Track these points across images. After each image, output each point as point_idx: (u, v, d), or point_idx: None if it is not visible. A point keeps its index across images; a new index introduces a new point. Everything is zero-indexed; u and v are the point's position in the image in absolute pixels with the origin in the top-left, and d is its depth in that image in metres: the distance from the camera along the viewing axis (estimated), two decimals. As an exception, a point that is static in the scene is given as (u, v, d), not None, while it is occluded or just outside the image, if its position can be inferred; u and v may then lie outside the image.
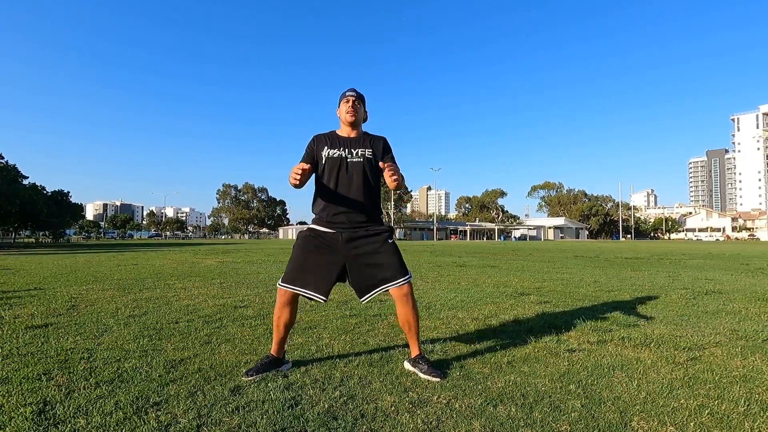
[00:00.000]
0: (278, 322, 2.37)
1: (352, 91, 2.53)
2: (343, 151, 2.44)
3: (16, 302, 4.58)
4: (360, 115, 2.52)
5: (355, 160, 2.43)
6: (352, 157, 2.43)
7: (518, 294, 5.29)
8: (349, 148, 2.45)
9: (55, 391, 2.05)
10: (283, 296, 2.37)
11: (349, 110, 2.47)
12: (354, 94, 2.51)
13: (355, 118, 2.48)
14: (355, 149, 2.44)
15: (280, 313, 2.36)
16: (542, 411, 1.86)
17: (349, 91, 2.53)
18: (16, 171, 30.74)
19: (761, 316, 3.95)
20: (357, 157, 2.43)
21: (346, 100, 2.50)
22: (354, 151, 2.44)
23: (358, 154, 2.43)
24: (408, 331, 2.41)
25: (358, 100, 2.52)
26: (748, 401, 1.97)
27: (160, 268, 9.14)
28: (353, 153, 2.43)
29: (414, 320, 2.38)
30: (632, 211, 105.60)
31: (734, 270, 9.18)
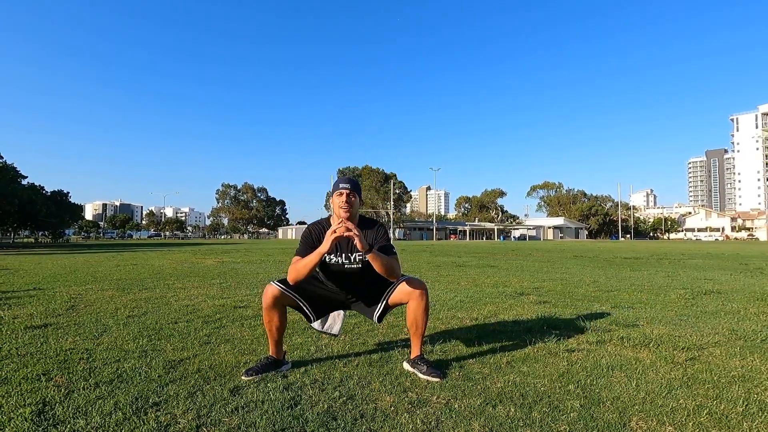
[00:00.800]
0: (270, 327, 2.37)
1: (346, 183, 2.39)
2: (340, 256, 2.42)
3: (15, 302, 4.58)
4: (355, 209, 2.40)
5: (354, 266, 2.43)
6: (350, 263, 2.43)
7: (517, 294, 5.29)
8: (347, 252, 2.42)
9: (55, 391, 2.05)
10: (268, 297, 2.33)
11: (343, 206, 2.35)
12: (348, 187, 2.37)
13: (349, 214, 2.37)
14: (352, 253, 2.41)
15: (270, 317, 2.35)
16: (541, 411, 1.86)
17: (343, 184, 2.39)
18: (15, 171, 30.70)
19: (760, 316, 3.95)
20: (355, 263, 2.43)
21: (339, 193, 2.37)
22: (351, 257, 2.42)
23: (356, 260, 2.42)
24: (414, 332, 2.41)
25: (353, 193, 2.38)
26: (746, 401, 1.97)
27: (159, 268, 9.13)
28: (350, 259, 2.42)
29: (423, 321, 2.37)
30: (631, 211, 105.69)
31: (733, 270, 9.19)
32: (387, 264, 2.27)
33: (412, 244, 38.70)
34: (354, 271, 2.45)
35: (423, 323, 2.38)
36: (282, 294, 2.34)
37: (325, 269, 2.50)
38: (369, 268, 2.37)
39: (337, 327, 2.70)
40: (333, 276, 2.49)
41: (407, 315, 2.40)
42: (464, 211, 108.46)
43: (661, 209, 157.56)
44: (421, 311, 2.34)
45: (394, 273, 2.31)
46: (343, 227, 2.17)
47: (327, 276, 2.52)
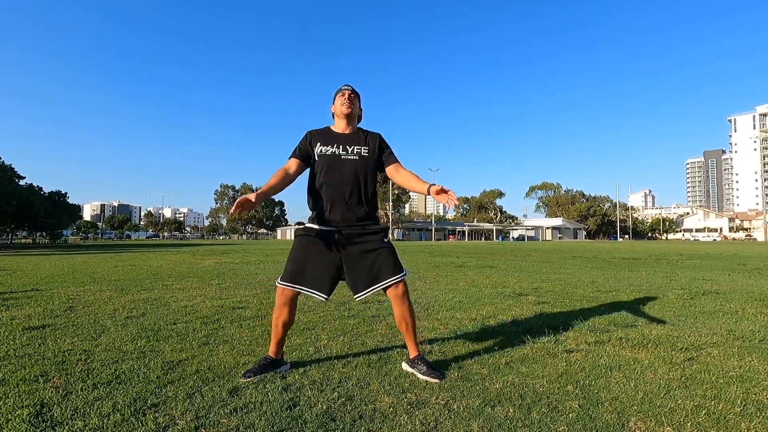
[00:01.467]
0: (276, 322, 2.37)
1: (347, 86, 2.51)
2: (337, 148, 2.40)
3: (13, 303, 4.56)
4: (355, 109, 2.48)
5: (350, 157, 2.39)
6: (347, 154, 2.40)
7: (516, 294, 5.29)
8: (344, 144, 2.41)
9: (53, 393, 2.04)
10: (281, 295, 2.35)
11: (344, 102, 2.44)
12: (350, 88, 2.49)
13: (351, 110, 2.43)
14: (350, 146, 2.41)
15: (279, 312, 2.35)
16: (540, 412, 1.87)
17: (345, 86, 2.51)
18: (12, 171, 30.63)
19: (758, 317, 3.96)
20: (352, 154, 2.40)
21: (341, 93, 2.48)
22: (349, 148, 2.41)
23: (353, 152, 2.40)
24: (405, 331, 2.41)
25: (354, 93, 2.49)
26: (744, 401, 1.98)
27: (157, 269, 9.12)
28: (348, 150, 2.40)
29: (410, 320, 2.38)
30: (630, 212, 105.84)
31: (731, 270, 9.21)
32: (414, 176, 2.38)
33: (410, 244, 38.72)
34: (351, 166, 2.38)
35: (412, 322, 2.38)
36: (292, 291, 2.34)
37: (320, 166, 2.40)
38: (366, 162, 2.39)
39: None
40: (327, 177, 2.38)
41: (395, 317, 2.40)
42: (463, 212, 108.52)
43: (660, 210, 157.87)
44: (406, 310, 2.35)
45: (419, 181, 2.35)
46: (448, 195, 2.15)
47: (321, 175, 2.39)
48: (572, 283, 6.63)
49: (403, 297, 2.34)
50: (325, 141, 2.43)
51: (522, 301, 4.76)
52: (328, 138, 2.45)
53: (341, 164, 2.39)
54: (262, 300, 4.80)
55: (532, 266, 10.22)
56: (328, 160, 2.39)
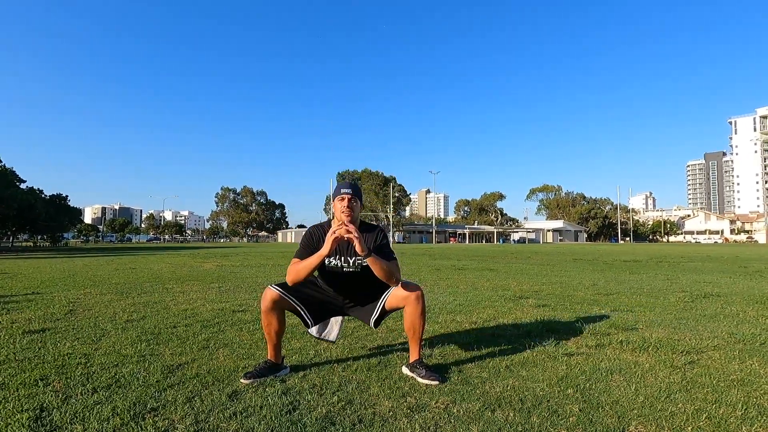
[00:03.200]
0: (268, 330, 2.37)
1: (347, 188, 2.44)
2: (339, 259, 2.43)
3: (13, 307, 4.57)
4: (356, 214, 2.44)
5: (352, 270, 2.44)
6: (349, 266, 2.44)
7: (517, 297, 5.29)
8: (346, 256, 2.43)
9: (52, 396, 2.04)
10: (266, 299, 2.33)
11: (344, 210, 2.39)
12: (350, 192, 2.42)
13: (350, 218, 2.40)
14: (351, 257, 2.42)
15: (268, 320, 2.36)
16: (540, 415, 1.86)
17: (344, 189, 2.44)
18: (13, 175, 30.71)
19: (759, 320, 3.95)
20: (353, 266, 2.43)
21: (341, 198, 2.42)
22: (350, 260, 2.43)
23: (355, 264, 2.43)
24: (411, 336, 2.41)
25: (354, 198, 2.43)
26: (745, 405, 1.97)
27: (158, 272, 9.12)
28: (350, 262, 2.43)
29: (420, 325, 2.38)
30: (631, 214, 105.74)
31: (732, 273, 9.19)
32: (386, 268, 2.29)
33: (411, 247, 38.69)
34: (352, 275, 2.45)
35: (420, 327, 2.38)
36: (280, 298, 2.34)
37: (323, 272, 2.50)
38: (367, 272, 2.37)
39: (335, 334, 2.70)
40: (331, 279, 2.49)
41: (404, 319, 2.40)
42: (464, 214, 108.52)
43: (661, 212, 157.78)
44: (418, 315, 2.34)
45: (393, 277, 2.32)
46: (343, 229, 2.19)
47: (325, 279, 2.52)
48: (573, 285, 6.62)
49: (419, 299, 2.35)
50: None
51: (522, 304, 4.76)
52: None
53: (344, 276, 2.47)
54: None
55: (532, 269, 10.21)
56: (331, 270, 2.46)
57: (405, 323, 2.40)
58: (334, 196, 2.48)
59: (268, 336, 2.38)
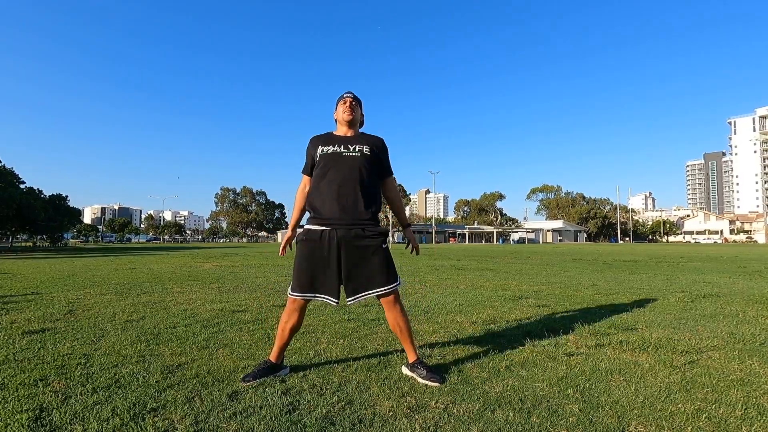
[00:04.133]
0: (284, 326, 2.37)
1: (349, 93, 2.56)
2: (338, 147, 2.43)
3: (12, 307, 4.56)
4: (357, 116, 2.53)
5: (352, 155, 2.40)
6: (349, 152, 2.41)
7: (516, 297, 5.28)
8: (346, 144, 2.44)
9: (52, 397, 2.04)
10: (293, 303, 2.37)
11: (346, 109, 2.49)
12: (351, 95, 2.55)
13: (352, 117, 2.49)
14: (352, 145, 2.44)
15: (288, 317, 2.37)
16: (540, 415, 1.86)
17: (347, 93, 2.56)
18: (12, 175, 30.67)
19: (759, 320, 3.95)
20: (353, 152, 2.41)
21: (343, 100, 2.53)
22: (351, 147, 2.43)
23: (355, 150, 2.42)
24: (400, 335, 2.42)
25: (355, 101, 2.54)
26: (745, 405, 1.97)
27: (157, 272, 9.11)
28: (350, 148, 2.42)
29: (404, 324, 2.39)
30: (630, 214, 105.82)
31: (732, 273, 9.20)
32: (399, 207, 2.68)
33: (411, 247, 38.64)
34: (350, 163, 2.37)
35: (406, 325, 2.40)
36: (305, 301, 2.37)
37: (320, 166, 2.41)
38: (368, 161, 2.41)
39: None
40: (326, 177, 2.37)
41: (388, 322, 2.42)
42: (463, 215, 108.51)
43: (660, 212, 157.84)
44: (399, 314, 2.38)
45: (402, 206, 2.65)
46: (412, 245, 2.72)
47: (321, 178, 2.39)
48: (572, 285, 6.62)
49: (394, 302, 2.36)
50: (327, 142, 2.47)
51: (522, 304, 4.75)
52: (330, 140, 2.48)
53: (342, 161, 2.39)
54: (262, 303, 4.79)
55: (532, 269, 10.21)
56: (329, 158, 2.40)
57: (390, 325, 2.42)
58: (336, 102, 2.57)
59: (281, 333, 2.37)
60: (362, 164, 2.39)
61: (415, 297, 5.28)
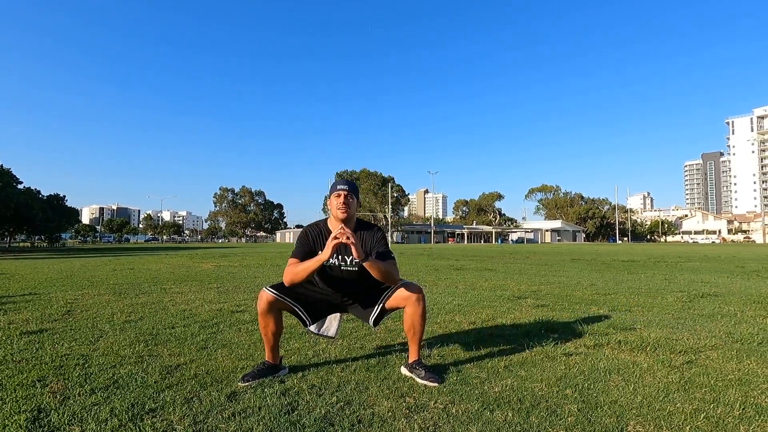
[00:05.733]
0: (265, 331, 2.36)
1: (344, 185, 2.42)
2: (336, 258, 2.40)
3: (10, 307, 4.55)
4: (352, 211, 2.43)
5: (350, 268, 2.42)
6: (346, 265, 2.42)
7: (515, 297, 5.29)
8: (343, 255, 2.40)
9: (50, 398, 2.03)
10: (263, 302, 2.31)
11: (340, 206, 2.38)
12: (346, 188, 2.41)
13: (346, 215, 2.39)
14: (349, 256, 2.39)
15: (265, 322, 2.34)
16: (539, 415, 1.86)
17: (341, 185, 2.42)
18: (10, 175, 30.61)
19: (757, 319, 3.96)
20: (351, 265, 2.41)
21: (337, 194, 2.40)
22: (348, 259, 2.40)
23: (353, 263, 2.40)
24: (411, 336, 2.40)
25: (351, 194, 2.42)
26: (743, 405, 1.98)
27: (156, 272, 9.10)
28: (346, 261, 2.41)
29: (420, 326, 2.37)
30: (629, 214, 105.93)
31: (730, 273, 9.22)
32: (384, 271, 2.28)
33: (410, 247, 38.68)
34: (351, 274, 2.44)
35: (420, 328, 2.38)
36: (276, 299, 2.32)
37: (321, 271, 2.47)
38: (366, 271, 2.36)
39: (334, 329, 2.69)
40: (329, 278, 2.48)
41: (404, 320, 2.40)
42: (462, 215, 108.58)
43: (658, 212, 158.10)
44: (419, 316, 2.34)
45: (392, 278, 2.32)
46: (344, 234, 2.15)
47: (323, 278, 2.50)
48: (571, 285, 6.63)
49: (420, 300, 2.34)
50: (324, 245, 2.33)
51: (521, 304, 4.76)
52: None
53: (341, 273, 2.45)
54: (260, 303, 4.79)
55: (530, 269, 10.23)
56: (329, 270, 2.44)
57: (405, 324, 2.40)
58: (330, 192, 2.46)
59: (265, 337, 2.37)
60: (361, 274, 2.42)
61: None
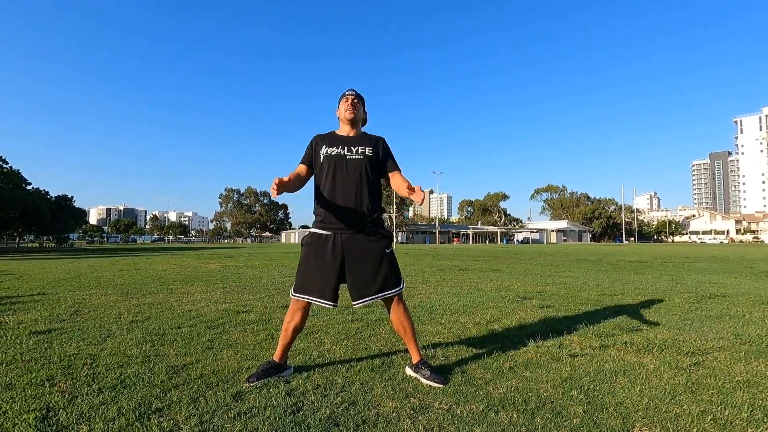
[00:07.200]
0: (287, 326, 2.38)
1: (351, 91, 2.53)
2: (341, 148, 2.42)
3: (19, 307, 4.60)
4: (359, 114, 2.51)
5: (355, 157, 2.40)
6: (352, 154, 2.41)
7: (520, 298, 5.27)
8: (348, 146, 2.43)
9: (59, 397, 2.06)
10: (295, 304, 2.39)
11: (348, 108, 2.47)
12: (353, 93, 2.52)
13: (354, 115, 2.47)
14: (354, 147, 2.43)
15: (291, 317, 2.39)
16: (544, 417, 1.86)
17: (349, 91, 2.53)
18: (19, 176, 30.95)
19: (765, 320, 3.92)
20: (357, 154, 2.41)
21: (345, 98, 2.50)
22: (354, 149, 2.42)
23: (358, 152, 2.41)
24: (404, 335, 2.42)
25: (358, 98, 2.52)
26: (751, 407, 1.96)
27: (162, 272, 9.16)
28: (353, 150, 2.41)
29: (408, 324, 2.40)
30: (635, 214, 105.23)
31: (738, 273, 9.13)
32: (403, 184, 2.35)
33: (415, 247, 38.64)
34: (355, 166, 2.38)
35: (409, 325, 2.41)
36: (308, 303, 2.38)
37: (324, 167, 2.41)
38: (371, 163, 2.40)
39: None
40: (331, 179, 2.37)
41: (392, 323, 2.43)
42: (467, 215, 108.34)
43: (665, 212, 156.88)
44: (402, 314, 2.39)
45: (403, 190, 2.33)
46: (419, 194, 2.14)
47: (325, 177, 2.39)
48: (577, 286, 6.60)
49: (398, 303, 2.38)
50: (330, 143, 2.45)
51: (526, 305, 4.74)
52: (333, 140, 2.47)
53: (346, 163, 2.39)
54: (266, 304, 4.81)
55: (536, 269, 10.18)
56: (333, 160, 2.40)
57: (394, 325, 2.43)
58: (338, 100, 2.55)
59: (284, 332, 2.39)
60: (366, 167, 2.40)
61: (419, 297, 5.28)
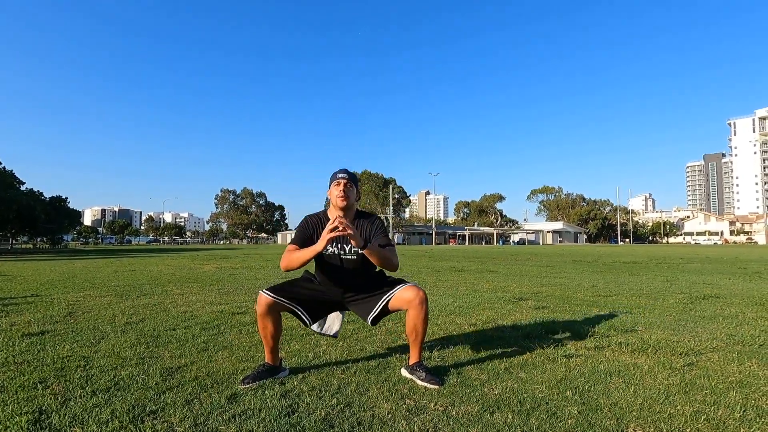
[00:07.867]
0: (264, 333, 2.36)
1: (343, 174, 2.44)
2: (335, 247, 2.41)
3: (12, 309, 4.56)
4: (352, 199, 2.44)
5: (350, 257, 2.42)
6: (345, 254, 2.42)
7: (516, 299, 5.29)
8: (342, 243, 2.40)
9: (51, 399, 2.04)
10: (261, 305, 2.31)
11: (340, 194, 2.39)
12: (345, 176, 2.43)
13: (346, 203, 2.41)
14: (348, 244, 2.39)
15: (264, 324, 2.34)
16: (539, 418, 1.86)
17: (340, 173, 2.44)
18: (13, 177, 30.75)
19: (758, 321, 3.95)
20: (350, 254, 2.41)
21: (336, 182, 2.42)
22: (347, 247, 2.41)
23: (352, 252, 2.41)
24: (413, 339, 2.39)
25: (350, 182, 2.43)
26: (744, 407, 1.97)
27: (157, 274, 9.11)
28: (346, 249, 2.41)
29: (422, 329, 2.36)
30: (630, 215, 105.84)
31: (732, 274, 9.20)
32: (384, 257, 2.29)
33: (411, 249, 38.66)
34: (351, 263, 2.42)
35: (422, 331, 2.37)
36: (275, 302, 2.32)
37: (321, 260, 2.47)
38: (366, 259, 2.36)
39: (336, 328, 2.68)
40: (329, 270, 2.46)
41: (407, 322, 2.39)
42: (463, 216, 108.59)
43: (660, 213, 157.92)
44: (421, 319, 2.33)
45: (391, 264, 2.33)
46: (341, 223, 2.12)
47: (323, 270, 2.48)
48: (572, 287, 6.62)
49: (423, 303, 2.32)
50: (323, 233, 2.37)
51: (522, 306, 4.76)
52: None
53: (342, 262, 2.43)
54: (261, 305, 4.80)
55: (532, 270, 10.21)
56: (329, 258, 2.43)
57: (407, 326, 2.39)
58: (330, 182, 2.48)
59: (264, 339, 2.37)
60: (361, 263, 2.42)
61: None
